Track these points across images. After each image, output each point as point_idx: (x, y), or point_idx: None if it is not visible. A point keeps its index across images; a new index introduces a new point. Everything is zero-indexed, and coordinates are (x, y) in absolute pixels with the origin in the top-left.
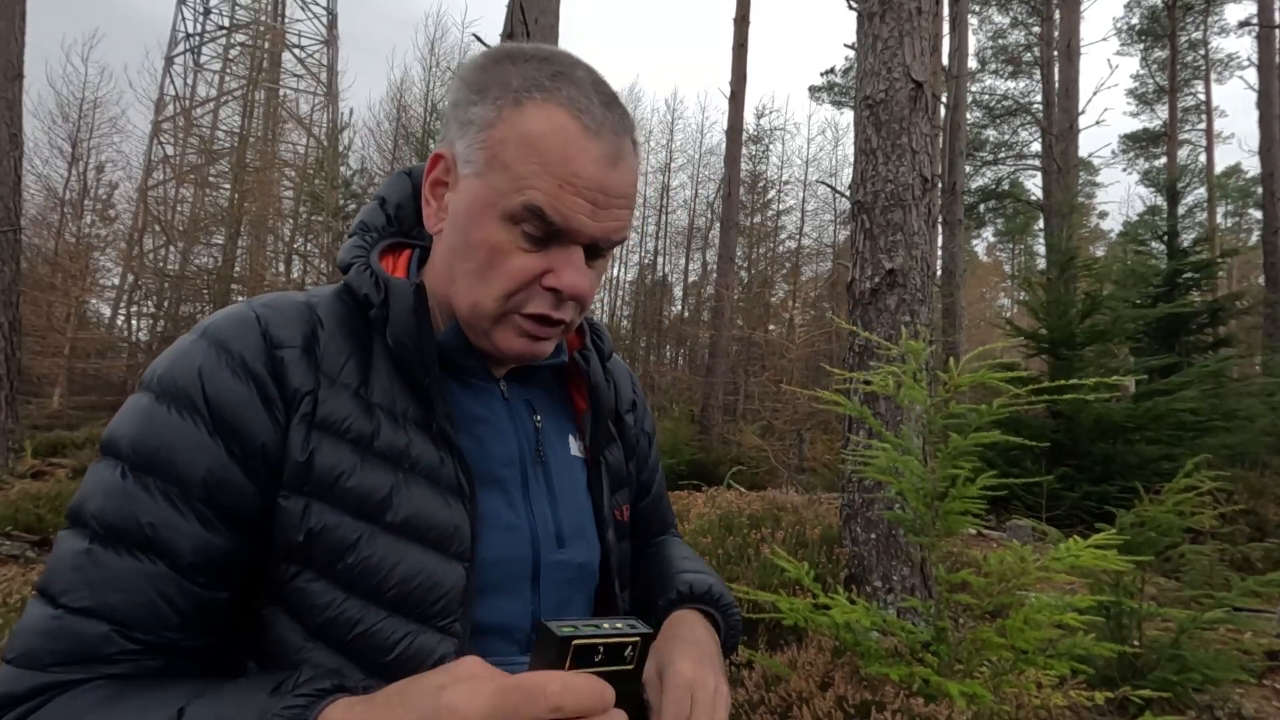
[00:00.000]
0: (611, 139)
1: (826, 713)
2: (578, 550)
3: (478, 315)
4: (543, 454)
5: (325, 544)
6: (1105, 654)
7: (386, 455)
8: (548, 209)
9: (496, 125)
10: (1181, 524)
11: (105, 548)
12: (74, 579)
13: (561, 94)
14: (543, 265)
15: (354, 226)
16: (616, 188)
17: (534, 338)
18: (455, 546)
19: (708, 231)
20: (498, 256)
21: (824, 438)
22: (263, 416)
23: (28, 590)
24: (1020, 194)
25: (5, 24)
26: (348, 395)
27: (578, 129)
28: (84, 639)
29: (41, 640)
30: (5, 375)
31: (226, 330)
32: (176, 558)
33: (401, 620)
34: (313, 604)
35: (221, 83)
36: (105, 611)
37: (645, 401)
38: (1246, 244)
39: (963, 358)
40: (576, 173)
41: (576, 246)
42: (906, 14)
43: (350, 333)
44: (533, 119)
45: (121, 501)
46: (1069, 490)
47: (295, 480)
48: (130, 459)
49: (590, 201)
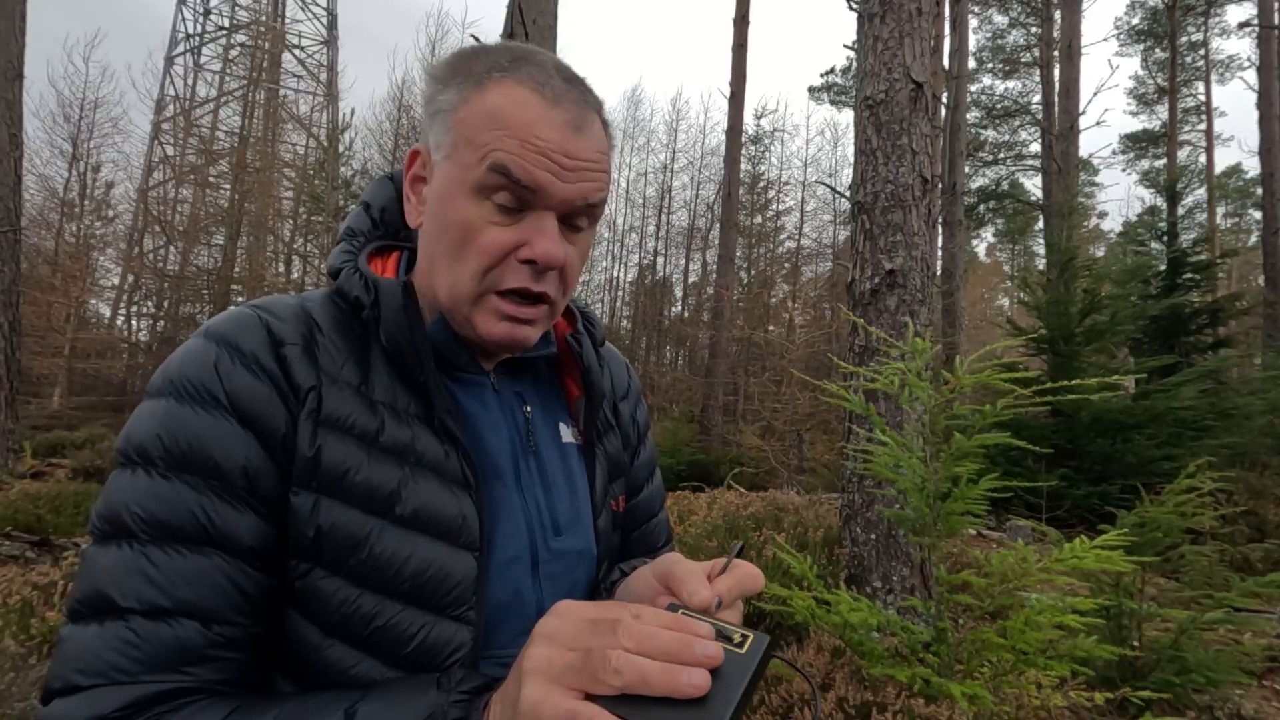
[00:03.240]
0: (573, 108)
1: (827, 713)
2: (576, 537)
3: (456, 298)
4: (534, 444)
5: (335, 540)
6: (1106, 655)
7: (392, 450)
8: (512, 166)
9: (460, 107)
10: (1182, 524)
11: (162, 548)
12: (136, 583)
13: (521, 72)
14: (516, 237)
15: (341, 233)
16: (581, 153)
17: (515, 320)
18: (464, 537)
19: (708, 232)
20: (470, 233)
21: (824, 438)
22: (280, 410)
23: (28, 590)
24: (1020, 194)
25: (5, 24)
26: (350, 393)
27: (537, 99)
28: (172, 640)
29: (120, 651)
30: (5, 375)
31: (233, 330)
32: (237, 544)
33: (418, 611)
34: (326, 601)
35: (221, 83)
36: (185, 608)
37: (640, 392)
38: (1246, 244)
39: (966, 358)
40: (538, 134)
41: (548, 212)
42: (907, 15)
43: (346, 334)
44: (494, 95)
45: (168, 502)
46: (1069, 490)
47: (304, 475)
48: (164, 460)
49: (556, 163)
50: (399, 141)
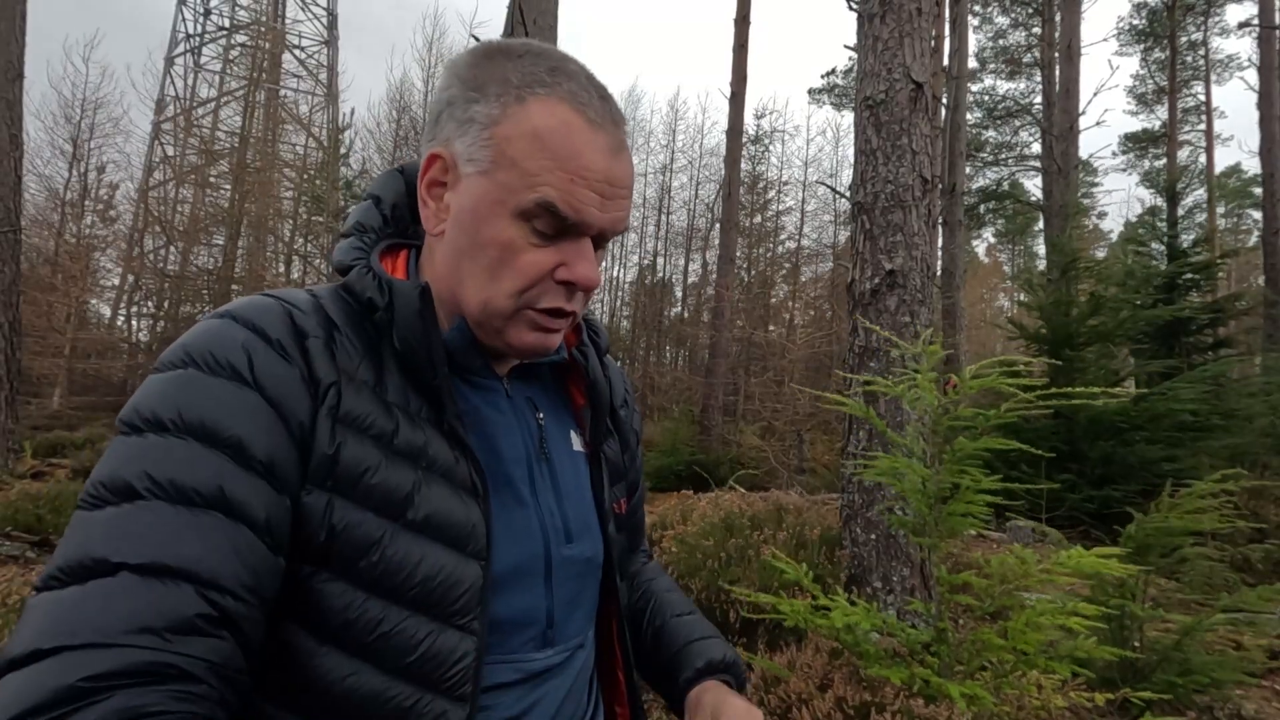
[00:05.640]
0: (613, 130)
1: (826, 714)
2: (585, 545)
3: (491, 314)
4: (547, 450)
5: (347, 542)
6: (1107, 656)
7: (406, 453)
8: (561, 204)
9: (501, 122)
10: (1188, 528)
11: (171, 505)
12: (134, 539)
13: (562, 89)
14: (555, 259)
15: (349, 226)
16: (620, 178)
17: (545, 330)
18: (472, 545)
19: (708, 232)
20: (510, 254)
21: (824, 438)
22: (304, 396)
23: (28, 590)
24: (1020, 195)
25: (5, 24)
26: (367, 392)
27: (582, 122)
28: (162, 601)
29: (101, 608)
30: (5, 375)
31: (257, 315)
32: (251, 512)
33: (424, 620)
34: (330, 605)
35: (222, 83)
36: (186, 569)
37: (634, 402)
38: (1246, 244)
39: (968, 362)
40: (586, 166)
41: (587, 239)
42: (907, 15)
43: (359, 333)
44: (538, 114)
45: (182, 461)
46: (1070, 492)
47: (320, 474)
48: (180, 425)
49: (599, 194)
50: (398, 142)
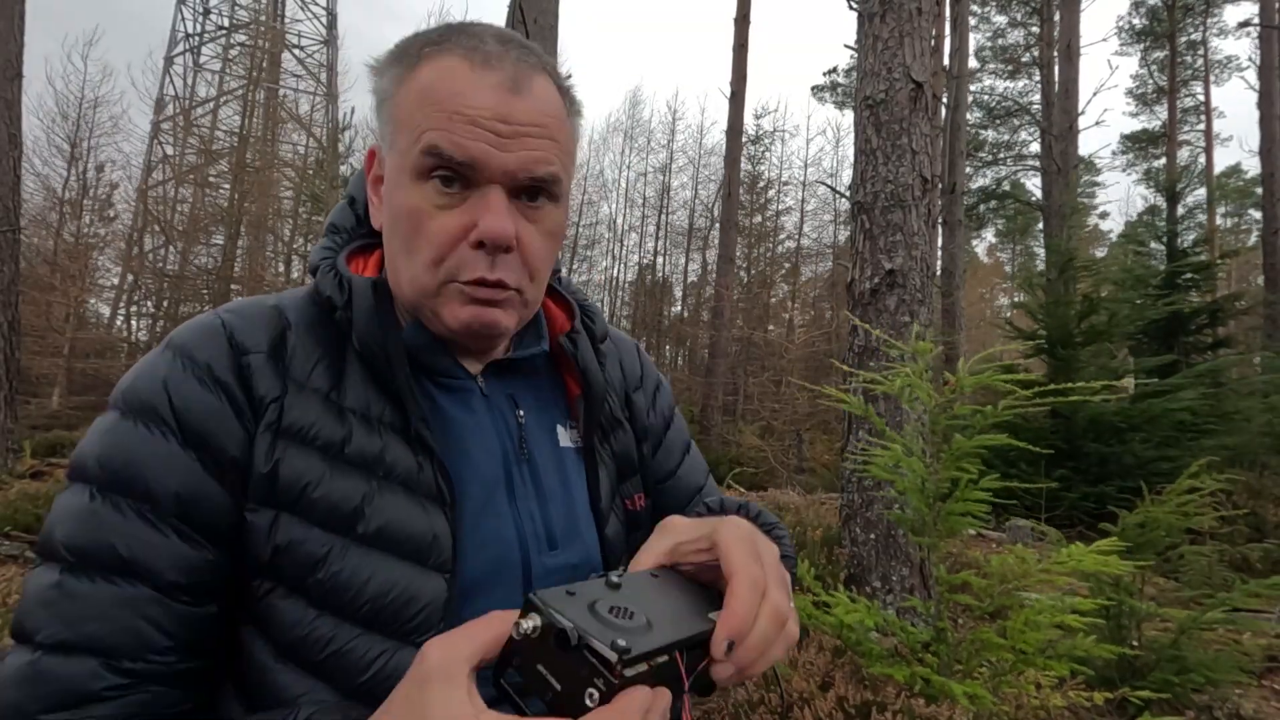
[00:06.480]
0: (510, 68)
1: (827, 713)
2: (571, 551)
3: (420, 293)
4: (527, 451)
5: (293, 559)
6: (1105, 655)
7: (358, 462)
8: (443, 142)
9: (395, 93)
10: (1183, 525)
11: (77, 577)
12: (46, 615)
13: (451, 43)
14: (464, 219)
15: (325, 228)
16: (521, 115)
17: (479, 302)
18: (435, 557)
19: (708, 232)
20: (418, 221)
21: (823, 438)
22: (234, 426)
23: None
24: (1020, 194)
25: (5, 23)
26: (317, 400)
27: (466, 66)
28: (68, 678)
29: (23, 689)
30: (4, 375)
31: (191, 340)
32: (156, 577)
33: (377, 638)
34: (282, 621)
35: (221, 83)
36: (87, 644)
37: (657, 374)
38: (1246, 244)
39: (966, 359)
40: (469, 103)
41: (493, 185)
42: (907, 14)
43: (321, 336)
44: (425, 73)
45: (91, 525)
46: (1068, 491)
47: (260, 492)
48: (98, 479)
49: (491, 131)
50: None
